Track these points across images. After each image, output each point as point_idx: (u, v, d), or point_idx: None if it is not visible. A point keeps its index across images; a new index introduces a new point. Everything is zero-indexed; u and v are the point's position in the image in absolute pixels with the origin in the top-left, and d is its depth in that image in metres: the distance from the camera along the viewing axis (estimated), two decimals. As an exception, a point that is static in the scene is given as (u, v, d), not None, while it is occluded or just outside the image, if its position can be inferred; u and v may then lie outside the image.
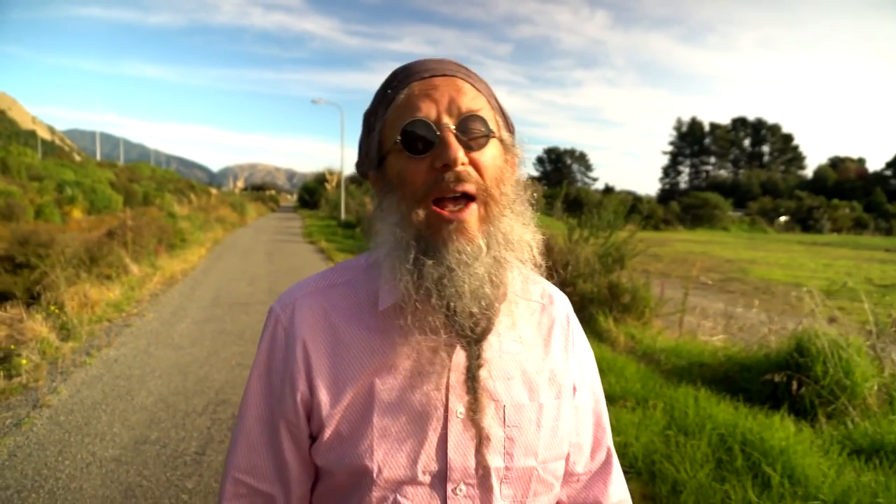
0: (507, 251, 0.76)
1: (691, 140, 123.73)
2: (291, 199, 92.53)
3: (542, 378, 0.84)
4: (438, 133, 0.73)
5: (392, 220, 0.76)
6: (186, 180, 49.22)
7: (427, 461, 0.77)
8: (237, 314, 7.49)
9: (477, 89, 0.79)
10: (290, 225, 28.97)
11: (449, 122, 0.73)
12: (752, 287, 13.68)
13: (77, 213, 22.92)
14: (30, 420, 3.88)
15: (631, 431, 3.45)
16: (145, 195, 29.44)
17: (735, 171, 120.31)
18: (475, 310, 0.73)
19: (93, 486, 3.05)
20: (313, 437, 0.82)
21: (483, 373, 0.77)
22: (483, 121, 0.75)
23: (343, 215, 27.63)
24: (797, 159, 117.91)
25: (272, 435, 0.82)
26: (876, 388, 3.99)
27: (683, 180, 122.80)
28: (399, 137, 0.74)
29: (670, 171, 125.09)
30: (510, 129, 0.85)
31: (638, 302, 6.65)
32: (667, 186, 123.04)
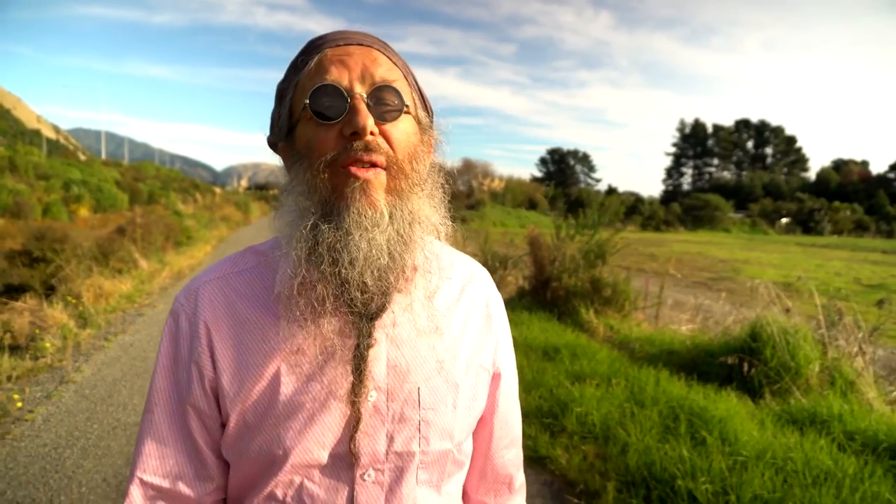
0: (413, 228, 0.74)
1: (694, 141, 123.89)
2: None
3: (460, 357, 0.83)
4: (349, 100, 0.70)
5: (297, 190, 0.74)
6: (190, 179, 49.70)
7: (335, 445, 0.74)
8: (242, 306, 7.96)
9: (393, 62, 0.76)
10: (294, 224, 29.44)
11: (361, 91, 0.71)
12: (741, 285, 14.08)
13: (83, 212, 23.42)
14: (58, 393, 4.33)
15: (592, 403, 3.89)
16: (150, 194, 29.89)
17: (738, 173, 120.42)
18: (368, 280, 0.70)
19: (119, 445, 3.51)
20: (223, 425, 0.78)
21: (395, 353, 0.77)
22: (397, 93, 0.73)
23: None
24: (800, 161, 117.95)
25: (184, 427, 0.79)
26: (818, 369, 4.42)
27: (686, 182, 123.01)
28: (307, 101, 0.71)
29: (673, 172, 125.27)
30: (428, 111, 0.83)
31: (618, 295, 7.08)
32: (670, 188, 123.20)
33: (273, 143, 0.83)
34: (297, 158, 0.75)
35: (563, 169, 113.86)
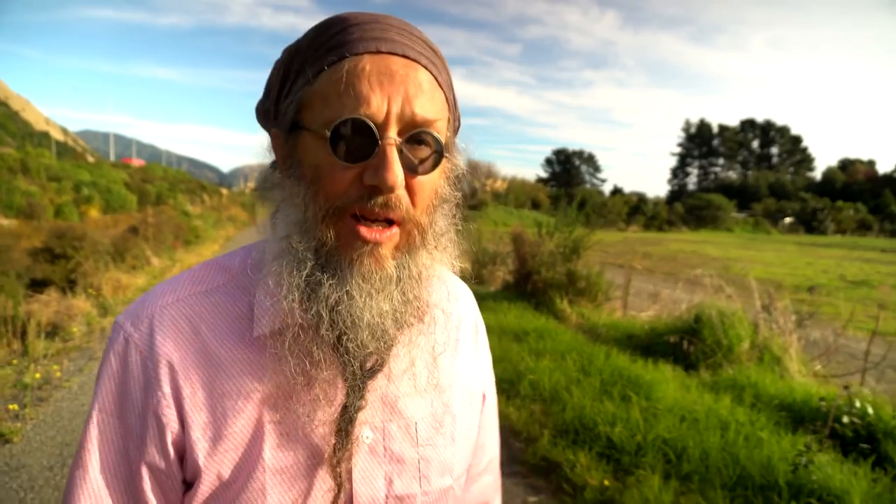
0: (419, 289, 0.66)
1: (700, 141, 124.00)
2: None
3: (456, 386, 0.77)
4: (380, 143, 0.58)
5: (291, 218, 0.63)
6: (197, 181, 50.49)
7: (329, 496, 0.67)
8: (248, 298, 8.66)
9: (438, 83, 0.64)
10: (298, 224, 30.19)
11: (395, 133, 0.59)
12: (726, 281, 14.67)
13: (94, 213, 24.21)
14: (88, 367, 5.02)
15: (546, 373, 4.54)
16: (158, 195, 30.64)
17: (744, 173, 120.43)
18: (371, 347, 0.63)
19: (144, 405, 4.20)
20: (187, 483, 0.67)
21: (392, 388, 0.70)
22: (435, 138, 0.61)
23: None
24: (806, 161, 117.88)
25: (129, 489, 0.65)
26: (748, 346, 5.06)
27: (692, 182, 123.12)
28: (328, 132, 0.58)
29: (679, 172, 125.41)
30: (457, 126, 0.72)
31: (591, 287, 7.73)
32: (675, 188, 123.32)
33: (264, 123, 0.70)
34: (298, 173, 0.63)
35: (568, 169, 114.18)
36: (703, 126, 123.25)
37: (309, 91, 0.62)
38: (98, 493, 0.64)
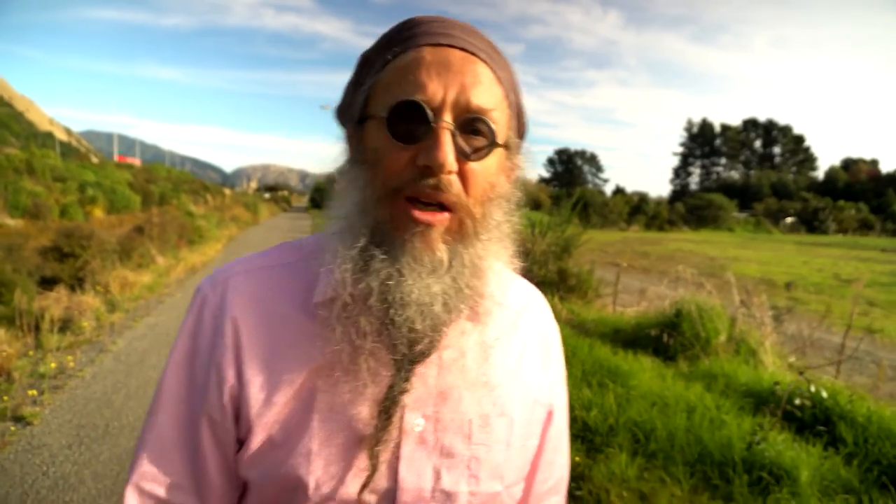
0: (471, 279, 0.66)
1: (702, 141, 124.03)
2: (304, 200, 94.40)
3: (516, 390, 0.75)
4: (433, 126, 0.61)
5: (352, 199, 0.66)
6: (200, 181, 50.74)
7: (375, 479, 0.66)
8: (250, 295, 8.94)
9: (497, 78, 0.66)
10: (301, 224, 30.52)
11: (449, 118, 0.62)
12: (718, 279, 14.92)
13: (98, 213, 24.52)
14: (99, 359, 5.30)
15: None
16: (162, 195, 30.91)
17: (746, 173, 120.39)
18: (418, 326, 0.63)
19: (151, 396, 4.47)
20: (240, 442, 0.70)
21: (444, 379, 0.69)
22: (490, 127, 0.63)
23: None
24: (809, 160, 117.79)
25: (191, 437, 0.70)
26: (725, 339, 5.32)
27: (694, 181, 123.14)
28: (386, 114, 0.62)
29: (681, 172, 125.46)
30: (522, 130, 0.72)
31: (582, 284, 8.00)
32: (677, 188, 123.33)
33: (341, 121, 0.74)
34: (361, 158, 0.67)
35: (570, 169, 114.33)
36: (706, 126, 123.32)
37: (375, 82, 0.66)
38: (164, 438, 0.71)
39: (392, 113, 0.62)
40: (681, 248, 26.63)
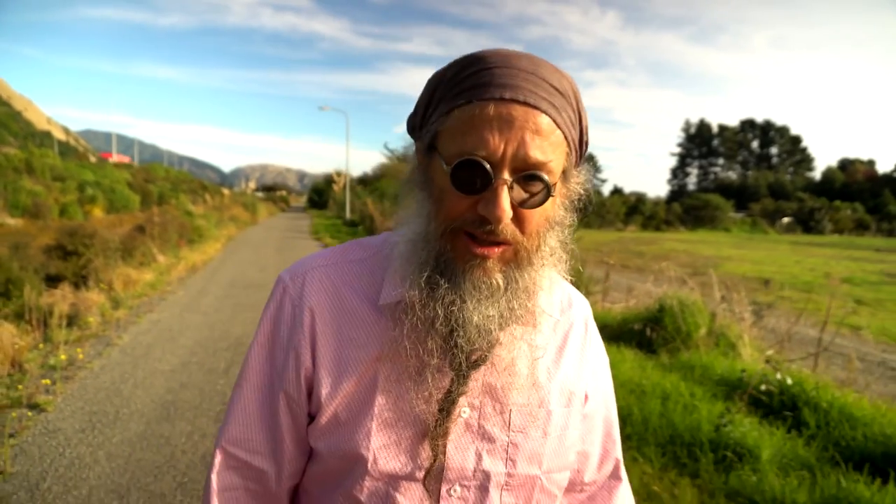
0: (525, 300, 0.74)
1: (699, 141, 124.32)
2: (302, 200, 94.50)
3: (554, 384, 0.82)
4: (493, 182, 0.67)
5: (418, 228, 0.74)
6: (199, 181, 50.83)
7: (424, 457, 0.76)
8: (250, 292, 9.16)
9: (557, 125, 0.70)
10: (299, 224, 30.71)
11: (507, 173, 0.67)
12: (711, 278, 15.19)
13: (97, 212, 24.69)
14: (107, 352, 5.54)
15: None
16: (160, 195, 31.05)
17: (743, 173, 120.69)
18: (477, 344, 0.72)
19: (160, 382, 4.71)
20: (311, 416, 0.80)
21: (492, 375, 0.77)
22: (545, 181, 0.68)
23: (348, 214, 29.34)
24: (806, 161, 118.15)
25: (270, 408, 0.81)
26: (705, 333, 5.56)
27: (692, 182, 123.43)
28: (450, 169, 0.68)
29: (679, 172, 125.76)
30: (582, 152, 0.78)
31: (576, 282, 8.21)
32: (675, 188, 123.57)
33: (411, 129, 0.81)
34: (428, 189, 0.73)
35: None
36: (703, 126, 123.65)
37: (443, 123, 0.71)
38: (247, 408, 0.82)
39: (454, 170, 0.67)
40: (675, 248, 26.90)
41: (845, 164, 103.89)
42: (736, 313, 5.80)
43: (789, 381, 3.93)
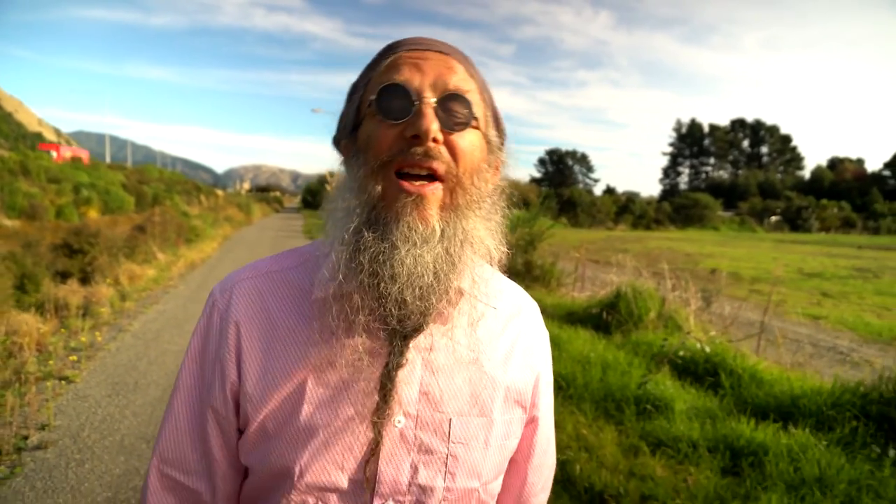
0: (464, 248, 0.70)
1: (691, 141, 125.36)
2: (296, 201, 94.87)
3: (498, 393, 0.78)
4: (416, 102, 0.68)
5: (348, 188, 0.72)
6: (192, 182, 51.15)
7: (354, 470, 0.72)
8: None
9: (469, 74, 0.73)
10: (293, 224, 31.34)
11: (430, 96, 0.68)
12: (689, 273, 15.94)
13: (93, 214, 25.16)
14: (120, 336, 6.18)
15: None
16: (155, 196, 31.51)
17: (734, 172, 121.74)
18: (408, 298, 0.67)
19: (170, 361, 5.36)
20: (241, 432, 0.78)
21: (429, 379, 0.74)
22: (467, 103, 0.70)
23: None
24: (795, 160, 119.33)
25: (200, 425, 0.79)
26: (655, 316, 6.26)
27: (683, 181, 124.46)
28: (374, 97, 0.69)
29: (670, 172, 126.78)
30: (500, 132, 0.79)
31: (546, 274, 8.93)
32: (667, 187, 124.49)
33: (337, 141, 0.79)
34: (355, 154, 0.72)
35: (561, 170, 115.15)
36: (694, 126, 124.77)
37: (363, 91, 0.74)
38: (179, 425, 0.79)
39: (378, 95, 0.69)
40: (659, 246, 27.67)
41: (834, 163, 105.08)
42: (683, 298, 6.50)
43: (707, 350, 4.63)
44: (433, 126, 0.67)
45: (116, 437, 3.69)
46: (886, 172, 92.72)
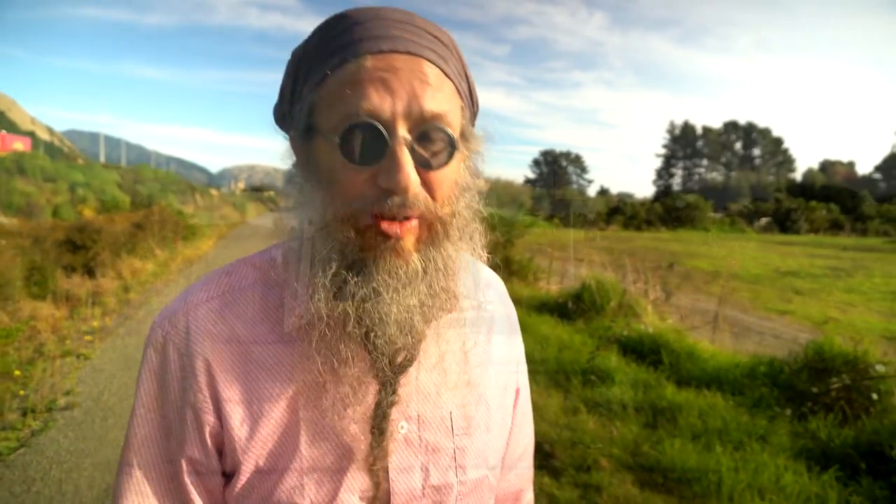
0: (446, 281, 0.65)
1: (684, 143, 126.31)
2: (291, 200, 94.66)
3: (488, 375, 0.77)
4: (389, 143, 0.58)
5: (313, 220, 0.63)
6: (187, 182, 51.46)
7: (366, 488, 0.67)
8: (243, 280, 10.40)
9: (445, 74, 0.63)
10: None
11: (404, 131, 0.59)
12: (662, 270, 16.61)
13: (88, 213, 25.65)
14: (128, 323, 6.76)
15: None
16: (149, 196, 31.98)
17: (727, 174, 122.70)
18: (399, 343, 0.63)
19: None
20: (227, 476, 0.69)
21: (425, 376, 0.69)
22: (447, 132, 0.61)
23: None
24: (787, 162, 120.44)
25: (172, 482, 0.68)
26: (616, 305, 6.88)
27: (677, 182, 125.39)
28: (338, 138, 0.59)
29: (663, 173, 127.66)
30: (474, 111, 0.71)
31: (524, 269, 9.55)
32: (660, 188, 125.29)
33: (280, 119, 0.70)
34: (314, 176, 0.64)
35: (555, 170, 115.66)
36: (687, 128, 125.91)
37: (316, 95, 0.62)
38: (142, 489, 0.67)
39: (343, 138, 0.59)
40: (645, 245, 28.36)
41: (826, 166, 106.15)
42: (642, 289, 7.13)
43: (651, 331, 5.25)
44: (412, 178, 0.59)
45: (132, 401, 4.27)
46: (877, 175, 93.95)
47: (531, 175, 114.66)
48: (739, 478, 3.01)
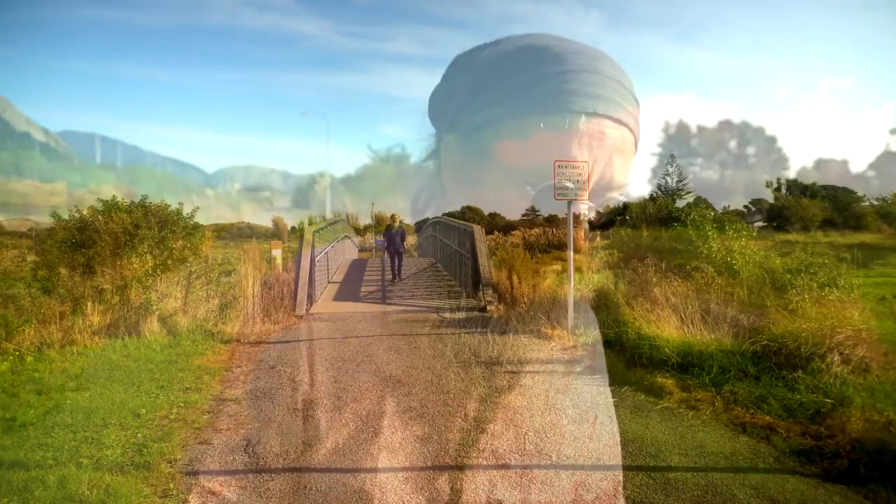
0: None
1: (679, 141, 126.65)
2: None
3: None
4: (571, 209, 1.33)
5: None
6: (184, 182, 51.58)
7: None
8: (240, 277, 10.82)
9: (635, 137, 1.15)
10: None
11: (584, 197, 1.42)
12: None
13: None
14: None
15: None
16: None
17: (721, 173, 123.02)
18: None
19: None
20: None
21: None
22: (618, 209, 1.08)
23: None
24: (781, 161, 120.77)
25: None
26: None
27: (671, 181, 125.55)
28: (533, 192, 1.13)
29: (658, 171, 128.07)
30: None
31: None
32: (655, 187, 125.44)
33: (439, 115, 1.05)
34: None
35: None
36: (682, 126, 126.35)
37: (508, 121, 1.27)
38: None
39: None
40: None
41: (820, 164, 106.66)
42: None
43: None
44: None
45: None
46: (871, 173, 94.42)
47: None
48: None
